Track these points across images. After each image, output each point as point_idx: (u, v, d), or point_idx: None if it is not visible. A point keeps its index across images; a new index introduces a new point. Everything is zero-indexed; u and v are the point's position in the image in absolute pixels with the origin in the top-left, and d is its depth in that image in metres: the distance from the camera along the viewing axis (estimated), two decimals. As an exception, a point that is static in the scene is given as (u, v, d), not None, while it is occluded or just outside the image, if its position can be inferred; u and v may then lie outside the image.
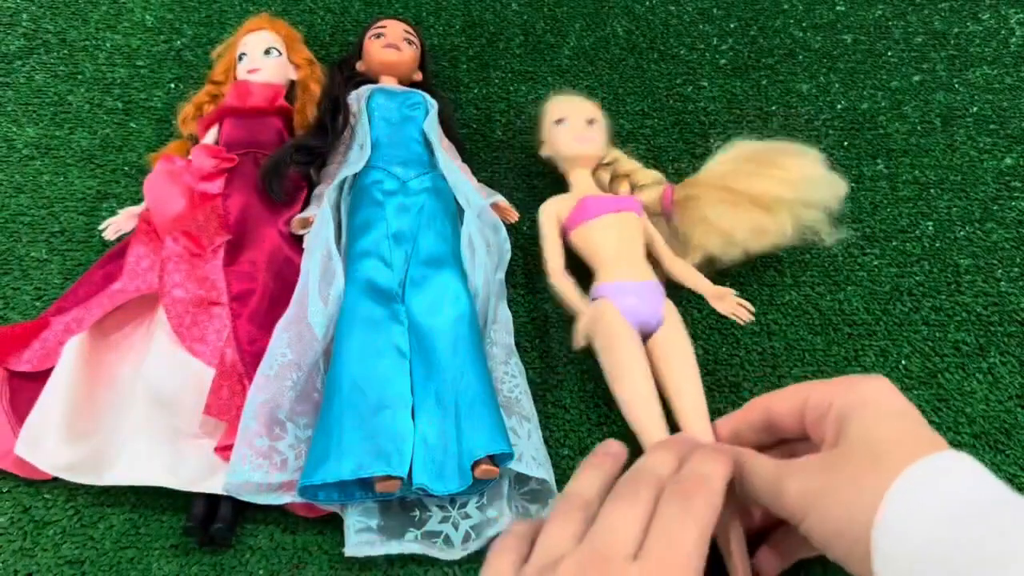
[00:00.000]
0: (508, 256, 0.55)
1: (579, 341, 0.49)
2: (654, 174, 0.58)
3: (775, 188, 0.50)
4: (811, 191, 0.50)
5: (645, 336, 0.49)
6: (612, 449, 0.37)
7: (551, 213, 0.55)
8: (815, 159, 0.53)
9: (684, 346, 0.48)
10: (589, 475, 0.35)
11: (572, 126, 0.57)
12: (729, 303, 0.53)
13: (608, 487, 0.34)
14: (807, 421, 0.34)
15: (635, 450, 0.45)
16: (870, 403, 0.32)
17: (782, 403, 0.36)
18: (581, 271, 0.52)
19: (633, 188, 0.57)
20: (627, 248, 0.52)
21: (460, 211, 0.57)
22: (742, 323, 0.51)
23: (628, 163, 0.59)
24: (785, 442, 0.38)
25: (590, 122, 0.57)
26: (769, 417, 0.37)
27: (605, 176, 0.59)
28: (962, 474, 0.28)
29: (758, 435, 0.38)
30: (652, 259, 0.53)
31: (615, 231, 0.52)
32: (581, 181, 0.57)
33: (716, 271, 0.55)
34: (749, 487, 0.35)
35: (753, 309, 0.50)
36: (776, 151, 0.52)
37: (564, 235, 0.54)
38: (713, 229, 0.52)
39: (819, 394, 0.34)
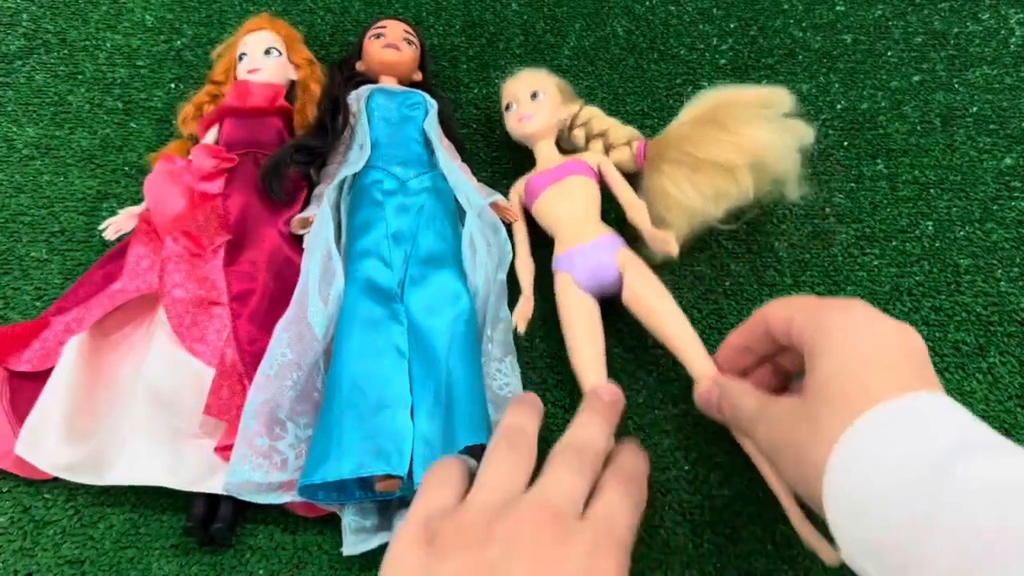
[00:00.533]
0: (509, 257, 0.55)
1: (518, 323, 0.51)
2: (628, 131, 0.58)
3: (733, 156, 0.50)
4: (769, 154, 0.51)
5: (614, 292, 0.50)
6: (614, 398, 0.40)
7: (514, 197, 0.58)
8: (776, 109, 0.53)
9: (651, 291, 0.48)
10: (600, 426, 0.37)
11: (517, 108, 0.58)
12: (659, 241, 0.51)
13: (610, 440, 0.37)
14: (793, 344, 0.35)
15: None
16: (838, 341, 0.31)
17: (775, 320, 0.36)
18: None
19: (607, 148, 0.58)
20: (574, 213, 0.53)
21: (461, 211, 0.57)
22: (672, 257, 0.50)
23: (602, 121, 0.59)
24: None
25: (534, 96, 0.58)
26: (768, 332, 0.37)
27: (581, 136, 0.59)
28: (917, 421, 0.27)
29: (766, 346, 0.39)
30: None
31: (561, 200, 0.53)
32: (542, 154, 0.58)
33: (719, 270, 0.56)
34: (735, 422, 0.38)
35: (676, 252, 0.50)
36: (735, 112, 0.52)
37: (528, 213, 0.56)
38: (674, 203, 0.52)
39: (799, 320, 0.34)
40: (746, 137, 0.50)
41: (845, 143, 0.63)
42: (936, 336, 0.52)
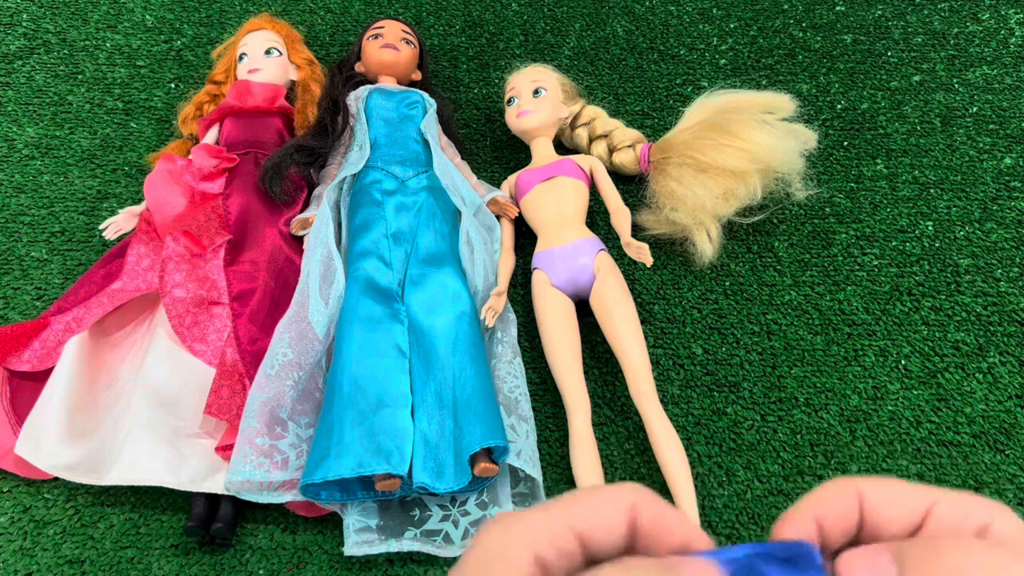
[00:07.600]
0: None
1: (486, 317, 0.49)
2: (632, 134, 0.59)
3: (738, 160, 0.52)
4: (773, 158, 0.52)
5: (585, 291, 0.51)
6: None
7: (505, 190, 0.59)
8: (779, 114, 0.54)
9: (617, 298, 0.49)
10: None
11: (519, 103, 0.59)
12: (634, 250, 0.51)
13: None
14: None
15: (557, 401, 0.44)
16: None
17: (888, 509, 0.17)
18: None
19: (611, 151, 0.59)
20: (559, 213, 0.54)
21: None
22: (647, 265, 0.53)
23: (606, 123, 0.60)
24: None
25: (536, 92, 0.59)
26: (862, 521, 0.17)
27: (583, 136, 0.60)
28: None
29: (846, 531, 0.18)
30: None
31: (547, 199, 0.55)
32: (538, 151, 0.59)
33: (719, 270, 0.56)
34: None
35: (651, 260, 0.50)
36: (740, 116, 0.53)
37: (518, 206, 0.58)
38: (681, 202, 0.53)
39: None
40: (753, 142, 0.51)
41: (845, 143, 0.63)
42: (936, 336, 0.52)
